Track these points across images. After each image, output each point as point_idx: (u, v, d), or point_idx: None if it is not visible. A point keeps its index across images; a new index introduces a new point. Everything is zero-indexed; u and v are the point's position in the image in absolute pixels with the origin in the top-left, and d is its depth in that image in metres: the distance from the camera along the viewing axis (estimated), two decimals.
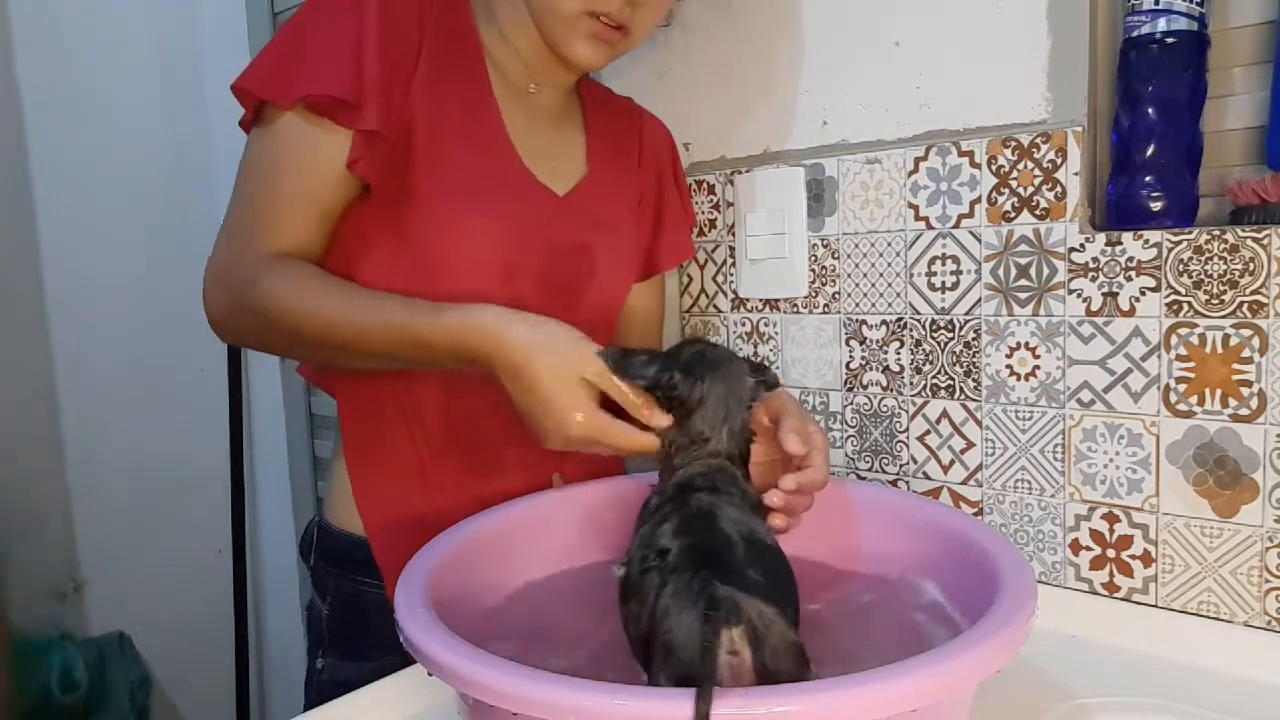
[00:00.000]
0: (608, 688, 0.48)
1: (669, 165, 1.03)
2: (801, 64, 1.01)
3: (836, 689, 0.45)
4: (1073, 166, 0.83)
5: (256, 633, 2.05)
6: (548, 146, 0.89)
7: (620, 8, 0.78)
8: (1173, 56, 0.78)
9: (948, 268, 0.91)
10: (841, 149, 0.99)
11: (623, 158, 0.97)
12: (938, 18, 0.91)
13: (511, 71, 0.87)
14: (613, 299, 0.96)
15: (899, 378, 0.96)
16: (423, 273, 0.81)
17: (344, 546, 0.87)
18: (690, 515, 0.62)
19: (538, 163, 0.87)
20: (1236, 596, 0.77)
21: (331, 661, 0.89)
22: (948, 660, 0.47)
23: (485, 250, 0.82)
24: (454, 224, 0.81)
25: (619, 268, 0.95)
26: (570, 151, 0.92)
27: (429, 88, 0.79)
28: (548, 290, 0.87)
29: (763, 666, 0.50)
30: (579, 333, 0.70)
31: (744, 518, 0.62)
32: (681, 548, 0.58)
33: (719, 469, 0.67)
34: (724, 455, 0.68)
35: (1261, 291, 0.74)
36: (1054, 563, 0.87)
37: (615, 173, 0.95)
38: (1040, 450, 0.87)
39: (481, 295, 0.82)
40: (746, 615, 0.51)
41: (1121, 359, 0.81)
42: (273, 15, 1.86)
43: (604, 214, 0.92)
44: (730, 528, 0.60)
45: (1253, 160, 0.81)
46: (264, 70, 0.76)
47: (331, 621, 0.90)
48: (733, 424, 0.69)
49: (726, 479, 0.66)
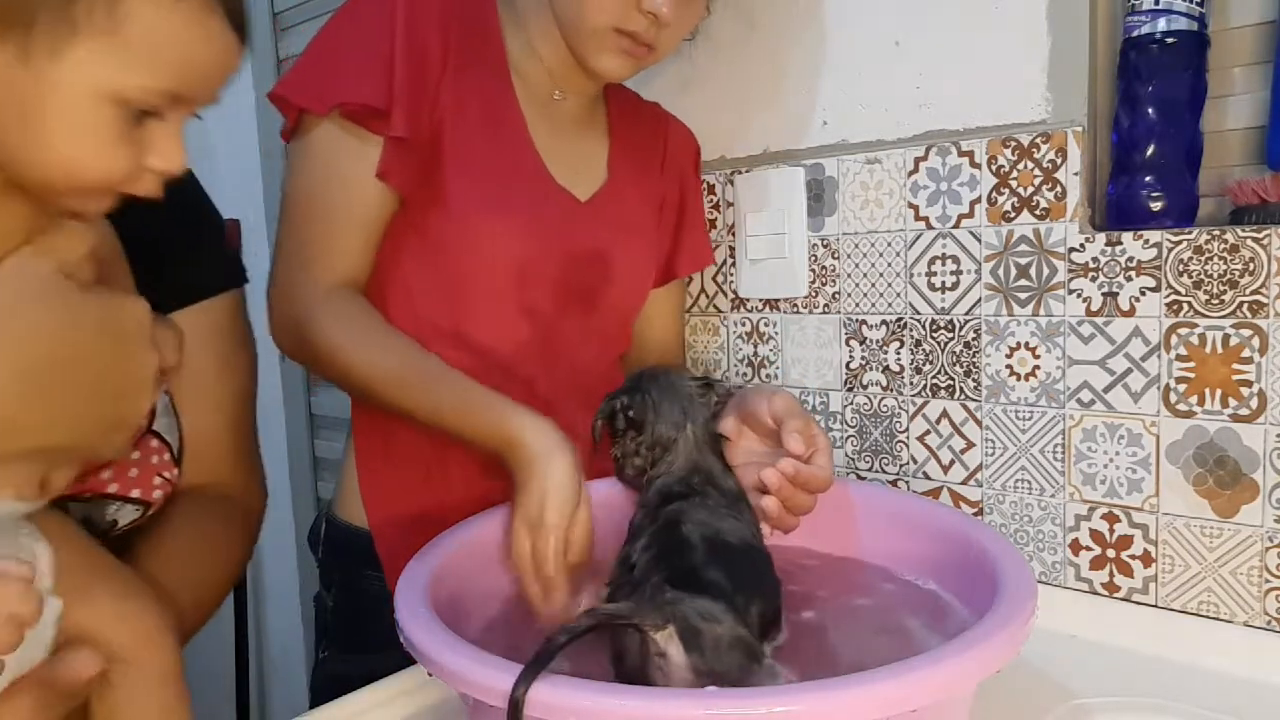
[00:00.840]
0: (607, 688, 0.48)
1: (692, 172, 1.03)
2: (801, 64, 1.01)
3: (836, 689, 0.45)
4: (1073, 166, 0.83)
5: (256, 632, 2.05)
6: (571, 153, 0.90)
7: (647, 28, 0.79)
8: (1173, 56, 0.78)
9: (948, 268, 0.91)
10: (841, 149, 0.99)
11: (646, 163, 0.98)
12: (938, 18, 0.91)
13: (536, 79, 0.88)
14: (630, 304, 0.97)
15: (899, 378, 0.96)
16: (443, 276, 0.83)
17: (349, 539, 0.88)
18: (658, 528, 0.64)
19: (560, 168, 0.87)
20: (1236, 596, 0.77)
21: (334, 653, 0.90)
22: (948, 660, 0.47)
23: (502, 254, 0.83)
24: (472, 228, 0.82)
25: (638, 273, 0.96)
26: (593, 157, 0.93)
27: (455, 94, 0.81)
28: (564, 296, 0.88)
29: (699, 663, 0.51)
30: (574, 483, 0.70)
31: (711, 519, 0.64)
32: (645, 561, 0.61)
33: (694, 467, 0.70)
34: (696, 450, 0.70)
35: (1261, 291, 0.74)
36: (1054, 563, 0.87)
37: (638, 178, 0.96)
38: (1040, 450, 0.87)
39: (496, 300, 0.84)
40: (681, 615, 0.52)
41: (1121, 359, 0.81)
42: (273, 15, 1.86)
43: (625, 219, 0.93)
44: (693, 531, 0.62)
45: (1253, 160, 0.81)
46: (299, 78, 0.78)
47: (336, 613, 0.91)
48: (694, 421, 0.73)
49: (702, 478, 0.69)
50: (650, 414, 0.73)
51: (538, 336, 0.87)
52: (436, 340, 0.82)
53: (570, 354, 0.90)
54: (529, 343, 0.86)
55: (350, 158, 0.78)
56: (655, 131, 1.00)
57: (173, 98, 0.50)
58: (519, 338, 0.86)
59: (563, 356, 0.89)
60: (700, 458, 0.72)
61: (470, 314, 0.84)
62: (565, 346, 0.89)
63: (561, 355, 0.89)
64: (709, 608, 0.53)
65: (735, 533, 0.64)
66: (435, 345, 0.81)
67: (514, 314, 0.85)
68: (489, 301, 0.84)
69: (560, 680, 0.46)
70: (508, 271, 0.84)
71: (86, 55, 0.47)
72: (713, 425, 0.74)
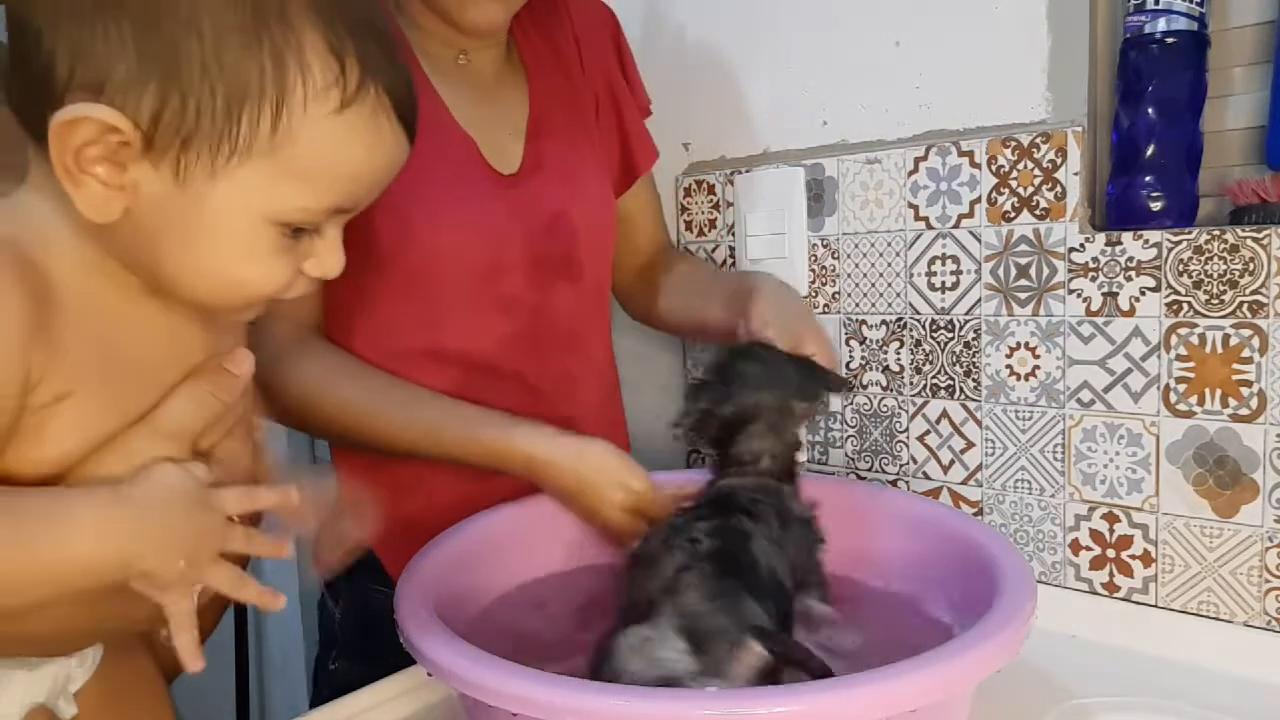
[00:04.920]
0: (607, 688, 0.48)
1: (611, 52, 0.97)
2: (801, 64, 1.01)
3: (836, 689, 0.45)
4: (1073, 166, 0.83)
5: (256, 633, 2.05)
6: (496, 117, 0.87)
7: None
8: (1173, 56, 0.78)
9: (948, 268, 0.91)
10: (841, 149, 0.99)
11: (566, 76, 0.93)
12: (938, 18, 0.91)
13: (436, 52, 0.85)
14: (605, 246, 0.94)
15: (899, 378, 0.96)
16: (408, 293, 0.81)
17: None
18: (728, 527, 0.62)
19: (489, 138, 0.84)
20: (1236, 596, 0.77)
21: (345, 665, 0.89)
22: (948, 660, 0.47)
23: (460, 251, 0.81)
24: (422, 233, 0.80)
25: (599, 212, 0.92)
26: (518, 108, 0.89)
27: None
28: (540, 275, 0.85)
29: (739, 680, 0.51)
30: (622, 453, 0.75)
31: (774, 554, 0.62)
32: (712, 548, 0.59)
33: (761, 487, 0.67)
34: (768, 474, 0.68)
35: (1261, 291, 0.74)
36: (1054, 563, 0.87)
37: (564, 102, 0.92)
38: (1040, 450, 0.87)
39: (470, 302, 0.82)
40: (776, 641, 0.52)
41: (1121, 359, 0.81)
42: None
43: (563, 165, 0.89)
44: (762, 555, 0.60)
45: (1253, 160, 0.81)
46: None
47: (344, 626, 0.90)
48: (780, 439, 0.69)
49: (769, 502, 0.66)
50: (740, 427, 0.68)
51: (523, 328, 0.85)
52: (415, 361, 0.81)
53: (560, 335, 0.87)
54: (513, 337, 0.84)
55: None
56: (563, 30, 0.94)
57: (336, 211, 0.49)
58: (502, 334, 0.84)
59: (552, 340, 0.87)
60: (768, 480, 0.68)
61: (446, 325, 0.82)
62: (555, 329, 0.87)
63: (551, 339, 0.87)
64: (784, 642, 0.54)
65: (779, 572, 0.62)
66: (415, 367, 0.80)
67: (492, 311, 0.83)
68: (463, 306, 0.82)
69: (560, 680, 0.46)
70: (475, 268, 0.82)
71: (247, 179, 0.45)
72: (796, 442, 0.70)
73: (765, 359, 0.70)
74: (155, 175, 0.45)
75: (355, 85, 0.46)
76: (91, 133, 0.43)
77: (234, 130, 0.44)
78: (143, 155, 0.44)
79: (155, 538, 0.46)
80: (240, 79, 0.44)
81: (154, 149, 0.44)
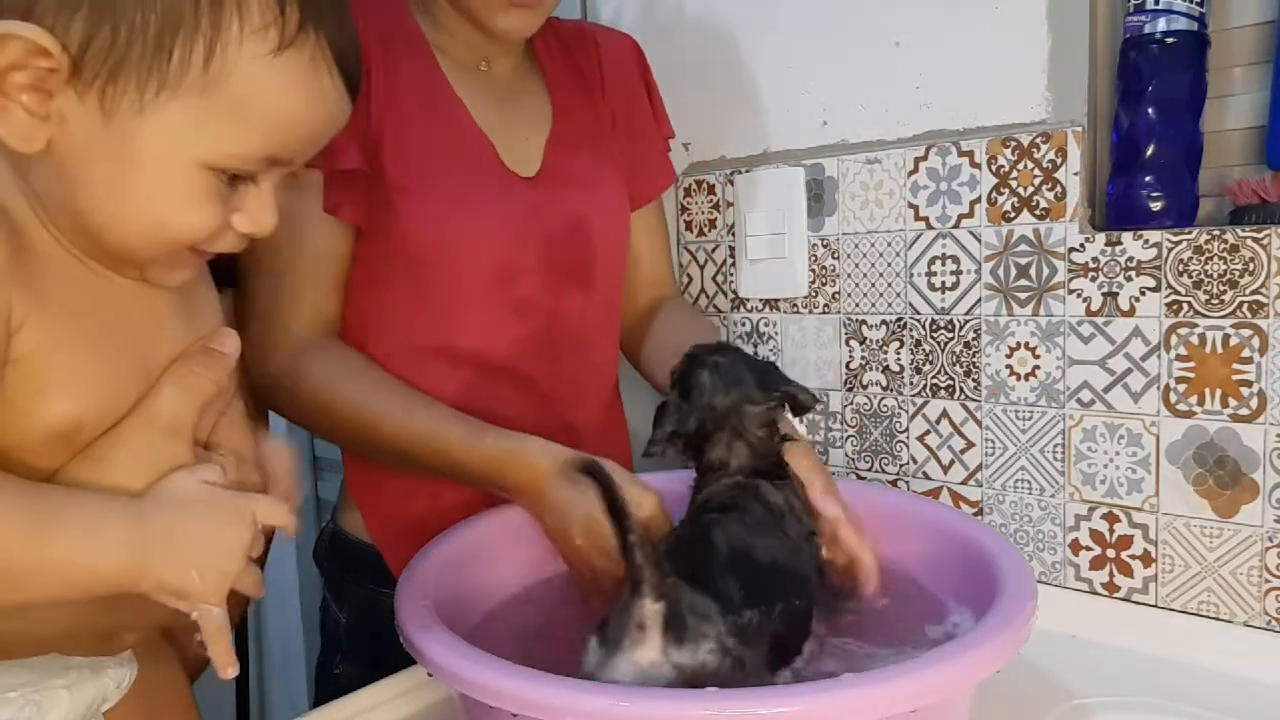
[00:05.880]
0: (607, 688, 0.48)
1: (636, 77, 0.98)
2: (801, 64, 1.01)
3: (836, 689, 0.45)
4: (1073, 166, 0.83)
5: (256, 633, 2.05)
6: (515, 120, 0.87)
7: None
8: (1173, 56, 0.78)
9: (948, 268, 0.91)
10: (841, 149, 0.99)
11: (587, 95, 0.94)
12: (938, 18, 0.91)
13: (458, 56, 0.85)
14: (619, 256, 0.94)
15: (899, 378, 0.96)
16: (424, 292, 0.81)
17: (359, 555, 0.87)
18: (686, 534, 0.64)
19: (508, 143, 0.85)
20: (1236, 596, 0.77)
21: (350, 669, 0.89)
22: (948, 660, 0.47)
23: (478, 251, 0.81)
24: (438, 232, 0.80)
25: (615, 220, 0.93)
26: (538, 118, 0.90)
27: (388, 98, 0.79)
28: (554, 279, 0.85)
29: (672, 653, 0.51)
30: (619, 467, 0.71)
31: (746, 535, 0.62)
32: (665, 549, 0.61)
33: (740, 486, 0.68)
34: (746, 473, 0.68)
35: (1261, 291, 0.74)
36: (1054, 563, 0.87)
37: (584, 117, 0.92)
38: (1040, 450, 0.87)
39: (485, 302, 0.82)
40: (676, 599, 0.51)
41: (1121, 359, 0.81)
42: None
43: (582, 172, 0.89)
44: (721, 540, 0.61)
45: (1253, 160, 0.81)
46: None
47: (350, 630, 0.89)
48: (747, 441, 0.69)
49: (747, 496, 0.66)
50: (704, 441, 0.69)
51: (536, 331, 0.85)
52: (427, 359, 0.81)
53: (571, 340, 0.88)
54: (526, 339, 0.84)
55: (293, 200, 0.75)
56: (588, 54, 0.95)
57: (270, 162, 0.48)
58: (515, 336, 0.84)
59: (563, 345, 0.87)
60: (748, 479, 0.69)
61: (460, 325, 0.82)
62: (566, 334, 0.87)
63: (562, 344, 0.87)
64: (706, 607, 0.52)
65: (768, 551, 0.62)
66: (427, 365, 0.80)
67: (506, 313, 0.83)
68: (478, 307, 0.82)
69: (561, 680, 0.46)
70: (490, 268, 0.82)
71: (177, 116, 0.44)
72: (771, 440, 0.70)
73: (720, 364, 0.70)
74: (80, 107, 0.43)
75: (295, 28, 0.45)
76: (18, 53, 0.42)
77: (164, 63, 0.43)
78: (68, 83, 0.43)
79: (176, 558, 0.46)
80: (174, 9, 0.42)
81: (81, 78, 0.43)
